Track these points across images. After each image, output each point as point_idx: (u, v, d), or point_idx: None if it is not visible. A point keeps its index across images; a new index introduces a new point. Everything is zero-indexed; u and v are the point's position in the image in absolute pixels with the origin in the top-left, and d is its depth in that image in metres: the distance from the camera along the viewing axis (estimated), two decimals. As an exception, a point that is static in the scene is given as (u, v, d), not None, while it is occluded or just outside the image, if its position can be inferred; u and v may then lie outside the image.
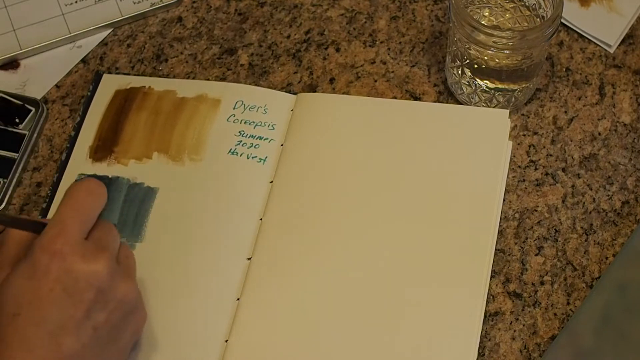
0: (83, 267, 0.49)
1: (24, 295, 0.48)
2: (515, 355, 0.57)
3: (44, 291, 0.48)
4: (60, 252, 0.48)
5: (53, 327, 0.47)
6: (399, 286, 0.58)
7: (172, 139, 0.66)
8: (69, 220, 0.50)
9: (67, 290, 0.48)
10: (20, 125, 0.68)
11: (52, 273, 0.48)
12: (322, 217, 0.61)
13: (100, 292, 0.49)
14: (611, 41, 0.70)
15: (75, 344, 0.48)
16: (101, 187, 0.53)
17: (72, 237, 0.49)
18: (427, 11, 0.73)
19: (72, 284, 0.48)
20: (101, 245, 0.51)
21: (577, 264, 0.61)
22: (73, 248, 0.49)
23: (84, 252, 0.49)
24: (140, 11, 0.74)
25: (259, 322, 0.58)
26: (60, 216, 0.50)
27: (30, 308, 0.47)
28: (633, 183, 0.64)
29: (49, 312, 0.48)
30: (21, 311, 0.47)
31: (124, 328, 0.52)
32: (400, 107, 0.66)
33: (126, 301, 0.51)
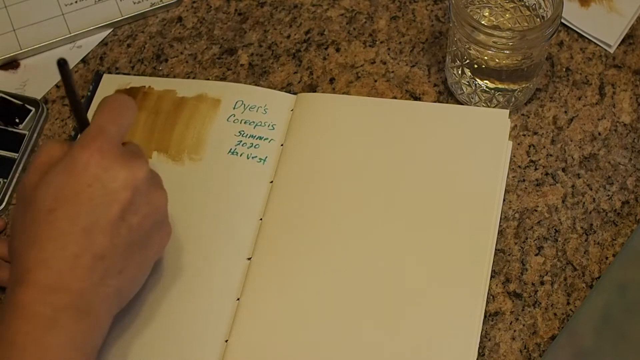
0: (122, 167, 0.49)
1: (61, 190, 0.48)
2: (515, 355, 0.57)
3: (82, 186, 0.48)
4: (99, 150, 0.48)
5: (87, 223, 0.48)
6: (398, 286, 0.58)
7: (172, 139, 0.66)
8: (108, 124, 0.50)
9: (104, 187, 0.48)
10: (20, 125, 0.68)
11: (91, 169, 0.48)
12: (322, 217, 0.61)
13: (136, 193, 0.49)
14: (611, 41, 0.70)
15: (108, 243, 0.48)
16: (132, 100, 0.53)
17: (111, 138, 0.49)
18: (427, 11, 0.73)
19: (110, 181, 0.48)
20: (138, 152, 0.52)
21: (577, 264, 0.61)
22: (112, 148, 0.49)
23: (123, 154, 0.50)
24: (140, 11, 0.74)
25: (259, 322, 0.58)
26: (99, 121, 0.50)
27: (66, 203, 0.48)
28: (633, 183, 0.64)
29: (84, 208, 0.48)
30: (57, 206, 0.48)
31: (153, 237, 0.52)
32: (400, 107, 0.66)
33: (159, 208, 0.52)
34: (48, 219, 0.48)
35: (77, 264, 0.48)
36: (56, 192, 0.48)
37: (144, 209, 0.50)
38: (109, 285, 0.49)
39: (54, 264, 0.47)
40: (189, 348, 0.57)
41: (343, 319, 0.57)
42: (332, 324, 0.57)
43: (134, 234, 0.50)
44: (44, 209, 0.48)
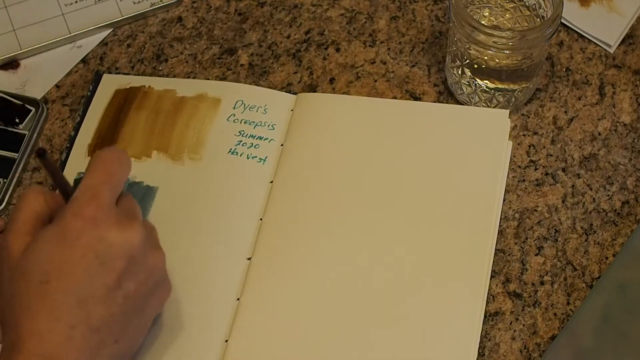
0: (116, 235, 0.47)
1: (53, 261, 0.46)
2: (515, 355, 0.57)
3: (76, 258, 0.46)
4: (93, 218, 0.47)
5: (83, 295, 0.46)
6: (398, 286, 0.58)
7: (172, 138, 0.66)
8: (100, 186, 0.48)
9: (99, 257, 0.47)
10: (20, 125, 0.68)
11: (85, 239, 0.46)
12: (322, 217, 0.61)
13: (132, 260, 0.48)
14: (611, 41, 0.70)
15: (105, 313, 0.47)
16: (126, 155, 0.51)
17: (105, 203, 0.48)
18: (427, 11, 0.73)
19: (105, 251, 0.47)
20: (132, 212, 0.50)
21: (577, 264, 0.61)
22: (106, 214, 0.47)
23: (117, 219, 0.48)
24: (140, 11, 0.74)
25: (259, 322, 0.58)
26: (92, 182, 0.48)
27: (59, 275, 0.46)
28: (633, 183, 0.64)
29: (79, 280, 0.46)
30: (50, 278, 0.46)
31: (151, 298, 0.51)
32: (400, 107, 0.66)
33: (156, 271, 0.51)
34: (40, 290, 0.46)
35: (73, 335, 0.46)
36: (48, 263, 0.46)
37: (140, 275, 0.49)
38: (103, 355, 0.48)
39: (49, 335, 0.46)
40: (189, 348, 0.57)
41: (343, 319, 0.57)
42: (331, 324, 0.57)
43: (130, 301, 0.49)
44: (36, 280, 0.46)
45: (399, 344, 0.56)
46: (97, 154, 0.50)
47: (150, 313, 0.52)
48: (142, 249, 0.49)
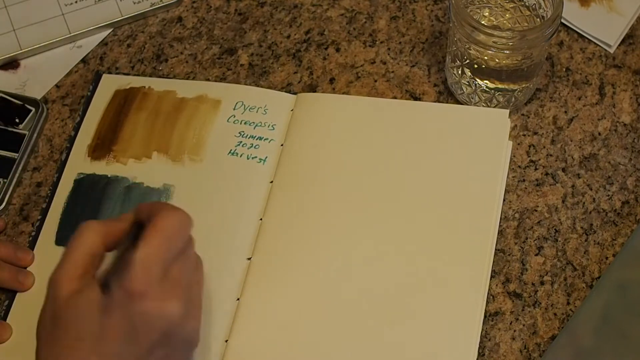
0: (156, 310, 0.48)
1: (91, 323, 0.47)
2: (515, 355, 0.57)
3: (114, 327, 0.47)
4: (140, 294, 0.47)
5: (114, 358, 0.47)
6: (398, 286, 0.58)
7: (172, 139, 0.66)
8: (153, 260, 0.48)
9: (136, 329, 0.47)
10: (20, 125, 0.68)
11: (127, 311, 0.47)
12: (322, 217, 0.61)
13: (167, 333, 0.49)
14: (611, 41, 0.70)
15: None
16: (189, 221, 0.50)
17: (154, 279, 0.48)
18: (427, 11, 0.73)
19: (143, 324, 0.48)
20: (179, 285, 0.49)
21: (577, 264, 0.61)
22: (153, 290, 0.48)
23: (161, 295, 0.48)
24: (140, 11, 0.74)
25: (259, 322, 0.58)
26: (145, 257, 0.48)
27: (95, 339, 0.47)
28: (633, 183, 0.64)
29: (113, 346, 0.47)
30: (86, 337, 0.47)
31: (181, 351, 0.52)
32: (400, 107, 0.66)
33: (190, 340, 0.51)
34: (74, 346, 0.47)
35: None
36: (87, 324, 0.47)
37: (173, 343, 0.49)
38: None
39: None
40: (189, 348, 0.57)
41: (343, 319, 0.57)
42: (332, 323, 0.57)
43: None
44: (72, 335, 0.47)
45: (399, 344, 0.56)
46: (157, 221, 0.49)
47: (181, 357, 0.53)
48: (179, 322, 0.49)
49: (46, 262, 0.62)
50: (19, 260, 0.61)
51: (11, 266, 0.61)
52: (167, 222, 0.49)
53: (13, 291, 0.61)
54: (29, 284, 0.60)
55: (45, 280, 0.60)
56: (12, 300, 0.60)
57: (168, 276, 0.49)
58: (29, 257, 0.62)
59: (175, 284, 0.49)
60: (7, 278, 0.60)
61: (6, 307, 0.60)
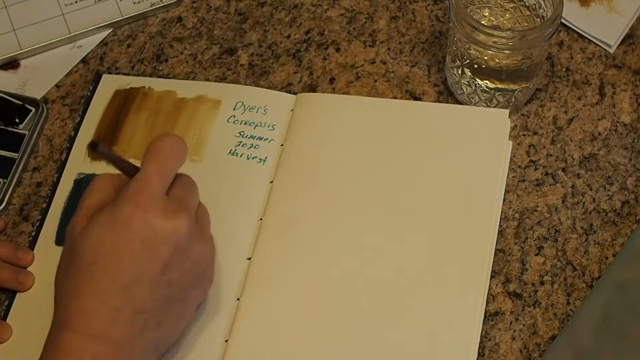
0: (163, 223, 0.49)
1: (103, 244, 0.48)
2: (515, 355, 0.57)
3: (123, 242, 0.48)
4: (143, 205, 0.48)
5: (128, 279, 0.48)
6: (398, 286, 0.58)
7: (172, 139, 0.66)
8: (153, 175, 0.50)
9: (145, 243, 0.48)
10: (20, 125, 0.68)
11: (133, 225, 0.48)
12: (322, 217, 0.61)
13: (177, 249, 0.49)
14: (611, 41, 0.70)
15: (148, 298, 0.49)
16: (183, 144, 0.53)
17: (155, 192, 0.49)
18: (427, 11, 0.73)
19: (151, 237, 0.48)
20: (182, 203, 0.51)
21: (577, 264, 0.61)
22: (155, 203, 0.49)
23: (166, 208, 0.49)
24: (140, 11, 0.74)
25: (259, 322, 0.58)
26: (145, 170, 0.50)
27: (107, 258, 0.48)
28: (633, 183, 0.64)
29: (125, 264, 0.48)
30: (98, 260, 0.48)
31: (194, 288, 0.53)
32: (400, 107, 0.66)
33: (200, 261, 0.52)
34: (89, 270, 0.48)
35: (117, 317, 0.48)
36: (97, 245, 0.48)
37: (185, 264, 0.51)
38: (148, 337, 0.50)
39: (95, 315, 0.48)
40: (189, 348, 0.57)
41: (343, 318, 0.57)
42: (331, 323, 0.57)
43: (174, 288, 0.50)
44: (86, 260, 0.48)
45: (399, 344, 0.56)
46: (153, 143, 0.52)
47: (192, 302, 0.53)
48: (188, 240, 0.50)
49: (46, 262, 0.62)
50: (19, 260, 0.61)
51: (11, 266, 0.61)
52: (161, 142, 0.51)
53: (13, 291, 0.61)
54: (29, 284, 0.61)
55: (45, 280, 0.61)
56: (12, 300, 0.60)
57: (171, 195, 0.51)
58: (29, 257, 0.62)
59: (178, 202, 0.51)
60: (7, 278, 0.60)
61: (6, 307, 0.60)
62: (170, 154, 0.51)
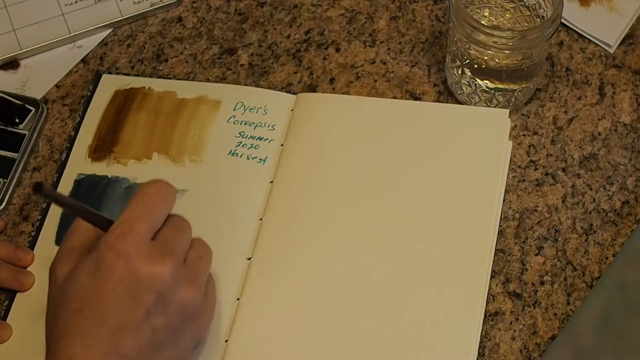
0: (146, 270, 0.49)
1: (87, 291, 0.48)
2: (515, 355, 0.58)
3: (107, 290, 0.48)
4: (125, 253, 0.48)
5: (113, 326, 0.48)
6: (399, 286, 0.58)
7: (173, 140, 0.66)
8: (137, 220, 0.49)
9: (128, 291, 0.48)
10: (20, 125, 0.68)
11: (116, 273, 0.48)
12: (322, 217, 0.61)
13: (160, 296, 0.49)
14: (611, 41, 0.70)
15: (133, 345, 0.49)
16: (171, 189, 0.52)
17: (139, 238, 0.49)
18: (427, 11, 0.73)
19: (134, 285, 0.48)
20: (168, 247, 0.50)
21: (577, 264, 0.61)
22: (138, 249, 0.49)
23: (149, 254, 0.49)
24: (140, 11, 0.74)
25: (259, 322, 0.58)
26: (129, 215, 0.50)
27: (92, 305, 0.48)
28: (633, 183, 0.64)
29: (110, 311, 0.48)
30: (84, 307, 0.48)
31: (184, 332, 0.52)
32: (400, 107, 0.66)
33: (186, 306, 0.51)
34: (76, 317, 0.48)
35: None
36: (83, 292, 0.48)
37: (170, 309, 0.50)
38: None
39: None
40: (189, 348, 0.57)
41: (343, 318, 0.57)
42: (331, 323, 0.57)
43: (159, 334, 0.50)
44: (72, 307, 0.48)
45: (399, 344, 0.56)
46: (140, 187, 0.51)
47: (185, 344, 0.53)
48: (172, 285, 0.50)
49: (46, 262, 0.61)
50: (19, 260, 0.61)
51: (11, 266, 0.61)
52: (148, 187, 0.51)
53: (13, 291, 0.61)
54: (28, 284, 0.61)
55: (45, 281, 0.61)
56: (12, 300, 0.60)
57: (157, 238, 0.50)
58: (29, 257, 0.62)
59: (164, 246, 0.50)
60: (7, 278, 0.60)
61: (6, 307, 0.60)
62: (157, 198, 0.51)
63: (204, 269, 0.53)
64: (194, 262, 0.53)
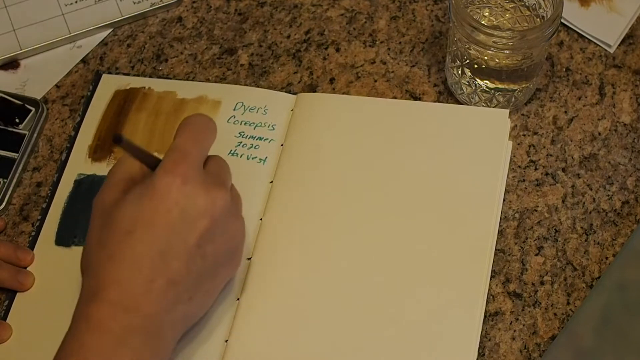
0: (202, 195, 0.49)
1: (141, 214, 0.48)
2: (515, 355, 0.58)
3: (162, 211, 0.48)
4: (182, 176, 0.48)
5: (164, 248, 0.48)
6: (399, 286, 0.58)
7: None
8: (190, 146, 0.50)
9: (184, 214, 0.48)
10: (20, 125, 0.68)
11: (172, 195, 0.48)
12: (322, 217, 0.61)
13: (214, 223, 0.49)
14: (611, 41, 0.70)
15: (183, 269, 0.49)
16: (213, 122, 0.53)
17: (194, 164, 0.49)
18: (427, 11, 0.73)
19: (190, 209, 0.48)
20: (218, 178, 0.51)
21: (577, 264, 0.61)
22: (195, 174, 0.49)
23: (204, 181, 0.49)
24: (140, 11, 0.74)
25: (259, 322, 0.58)
26: (181, 144, 0.50)
27: (145, 227, 0.48)
28: (633, 183, 0.64)
29: (163, 233, 0.48)
30: (135, 229, 0.48)
31: (224, 264, 0.53)
32: (400, 107, 0.66)
33: (234, 237, 0.52)
34: (126, 240, 0.48)
35: (151, 287, 0.48)
36: (135, 214, 0.48)
37: (219, 239, 0.51)
38: (178, 310, 0.50)
39: (128, 285, 0.47)
40: (189, 348, 0.57)
41: (343, 318, 0.57)
42: (331, 323, 0.57)
43: (207, 262, 0.50)
44: (122, 229, 0.48)
45: (399, 344, 0.56)
46: (186, 119, 0.52)
47: (221, 279, 0.53)
48: (225, 214, 0.50)
49: (46, 262, 0.62)
50: (19, 260, 0.61)
51: (11, 266, 0.61)
52: (194, 117, 0.52)
53: (13, 291, 0.61)
54: (28, 284, 0.61)
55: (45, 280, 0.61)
56: (12, 300, 0.60)
57: (207, 170, 0.51)
58: (29, 257, 0.62)
59: (215, 177, 0.51)
60: (7, 278, 0.60)
61: (6, 307, 0.60)
62: (205, 127, 0.52)
63: (241, 206, 0.54)
64: (236, 199, 0.53)
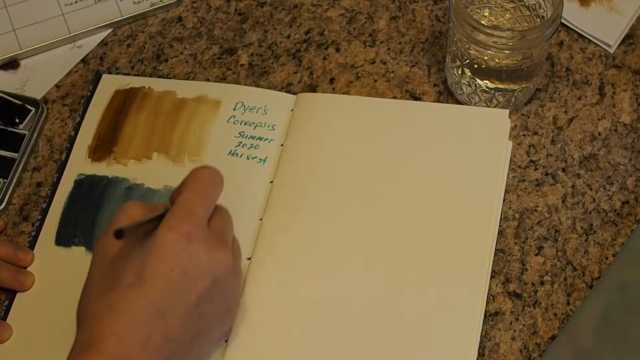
0: (205, 255, 0.49)
1: (143, 269, 0.48)
2: (515, 355, 0.58)
3: (165, 269, 0.48)
4: (187, 235, 0.48)
5: (165, 306, 0.48)
6: (399, 286, 0.58)
7: (172, 140, 0.66)
8: (196, 204, 0.50)
9: (186, 274, 0.48)
10: (20, 125, 0.68)
11: (176, 253, 0.48)
12: (322, 217, 0.61)
13: (215, 283, 0.50)
14: (611, 41, 0.70)
15: (180, 327, 0.49)
16: (221, 176, 0.53)
17: (199, 222, 0.49)
18: (427, 11, 0.73)
19: (192, 269, 0.48)
20: (222, 236, 0.51)
21: (577, 264, 0.61)
22: (199, 234, 0.49)
23: (208, 240, 0.49)
24: (140, 11, 0.74)
25: (259, 322, 0.58)
26: (187, 200, 0.50)
27: (147, 283, 0.48)
28: (633, 183, 0.64)
29: (164, 291, 0.48)
30: (138, 283, 0.48)
31: (220, 322, 0.53)
32: (400, 107, 0.66)
33: (233, 297, 0.52)
34: (127, 293, 0.48)
35: (148, 342, 0.48)
36: (139, 270, 0.48)
37: (219, 297, 0.51)
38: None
39: (126, 338, 0.47)
40: (189, 348, 0.57)
41: (342, 318, 0.57)
42: (331, 323, 0.57)
43: (204, 320, 0.50)
44: (124, 282, 0.48)
45: (399, 344, 0.56)
46: (193, 172, 0.52)
47: (215, 335, 0.53)
48: (226, 274, 0.50)
49: (46, 262, 0.62)
50: (19, 260, 0.61)
51: (11, 266, 0.61)
52: (201, 171, 0.52)
53: (13, 291, 0.61)
54: (28, 284, 0.61)
55: (45, 280, 0.61)
56: (12, 300, 0.60)
57: (211, 227, 0.51)
58: (28, 257, 0.62)
59: (219, 235, 0.51)
60: (7, 278, 0.60)
61: (6, 307, 0.60)
62: (211, 184, 0.52)
63: (241, 263, 0.55)
64: (237, 254, 0.54)
